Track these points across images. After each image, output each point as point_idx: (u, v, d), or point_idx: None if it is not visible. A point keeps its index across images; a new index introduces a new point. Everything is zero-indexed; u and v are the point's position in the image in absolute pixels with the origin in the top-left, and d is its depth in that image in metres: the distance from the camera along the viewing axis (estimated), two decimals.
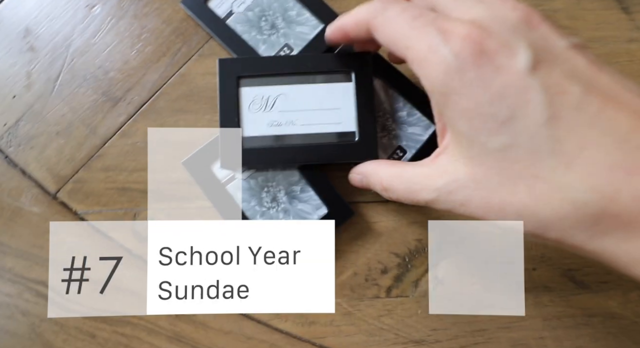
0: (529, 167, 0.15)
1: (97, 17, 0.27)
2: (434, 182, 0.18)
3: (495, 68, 0.16)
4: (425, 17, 0.17)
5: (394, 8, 0.18)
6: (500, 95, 0.15)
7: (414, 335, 0.27)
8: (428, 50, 0.16)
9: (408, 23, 0.17)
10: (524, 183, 0.15)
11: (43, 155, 0.27)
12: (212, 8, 0.26)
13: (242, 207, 0.26)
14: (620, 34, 0.29)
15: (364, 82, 0.24)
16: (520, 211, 0.16)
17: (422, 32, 0.17)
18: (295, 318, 0.27)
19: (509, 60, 0.15)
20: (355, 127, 0.24)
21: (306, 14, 0.26)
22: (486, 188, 0.16)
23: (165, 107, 0.27)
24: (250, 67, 0.24)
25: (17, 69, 0.27)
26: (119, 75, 0.27)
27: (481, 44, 0.16)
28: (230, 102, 0.24)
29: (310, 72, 0.24)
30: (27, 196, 0.27)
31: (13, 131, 0.27)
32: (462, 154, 0.17)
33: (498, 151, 0.16)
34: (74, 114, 0.27)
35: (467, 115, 0.16)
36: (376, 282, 0.27)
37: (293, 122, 0.24)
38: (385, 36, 0.18)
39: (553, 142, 0.15)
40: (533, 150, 0.15)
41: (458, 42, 0.16)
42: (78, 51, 0.27)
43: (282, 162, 0.24)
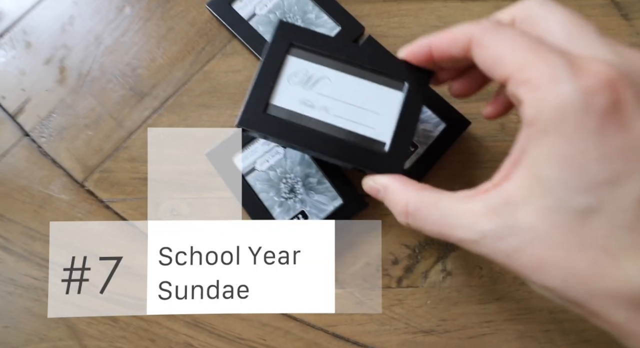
0: (603, 238, 0.14)
1: (127, 18, 0.29)
2: (479, 222, 0.16)
3: (621, 125, 0.14)
4: (552, 46, 0.15)
5: (513, 29, 0.16)
6: (611, 156, 0.14)
7: (424, 325, 0.28)
8: (549, 78, 0.14)
9: (530, 45, 0.15)
10: (591, 253, 0.14)
11: (73, 146, 0.28)
12: (237, 10, 0.28)
13: (261, 197, 0.27)
14: (621, 40, 0.30)
15: (416, 97, 0.22)
16: (569, 278, 0.14)
17: (546, 58, 0.15)
18: None
19: (636, 122, 0.14)
20: (389, 139, 0.22)
21: (324, 16, 0.28)
22: (545, 245, 0.15)
23: (189, 102, 0.29)
24: (307, 39, 0.22)
25: (51, 65, 0.29)
26: (145, 72, 0.29)
27: (618, 93, 0.14)
28: (273, 65, 0.22)
29: (364, 66, 0.22)
30: (57, 184, 0.28)
31: (45, 123, 0.29)
32: (528, 200, 0.15)
33: (577, 212, 0.14)
34: (103, 108, 0.29)
35: (562, 163, 0.14)
36: (387, 272, 0.28)
37: (327, 109, 0.22)
38: (492, 53, 0.16)
39: (638, 221, 0.14)
40: (615, 223, 0.14)
41: (591, 81, 0.14)
42: (108, 49, 0.29)
43: (299, 144, 0.22)
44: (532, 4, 0.17)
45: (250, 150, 0.27)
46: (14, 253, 0.28)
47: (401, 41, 0.29)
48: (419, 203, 0.18)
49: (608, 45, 0.15)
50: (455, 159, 0.29)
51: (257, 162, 0.27)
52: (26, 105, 0.29)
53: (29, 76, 0.29)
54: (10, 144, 0.28)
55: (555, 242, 0.14)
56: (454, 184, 0.29)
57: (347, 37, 0.28)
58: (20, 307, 0.27)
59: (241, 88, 0.29)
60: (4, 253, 0.28)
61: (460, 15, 0.30)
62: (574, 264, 0.14)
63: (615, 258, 0.14)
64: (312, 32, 0.22)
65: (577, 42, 0.16)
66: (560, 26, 0.16)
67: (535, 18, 0.17)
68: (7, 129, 0.29)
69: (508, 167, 0.16)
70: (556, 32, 0.16)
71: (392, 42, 0.29)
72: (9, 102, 0.29)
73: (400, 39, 0.30)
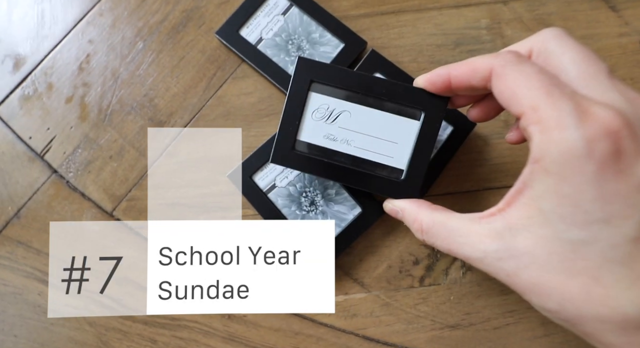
0: (595, 268, 0.15)
1: (141, 51, 0.31)
2: (483, 242, 0.17)
3: (618, 171, 0.15)
4: (564, 87, 0.16)
5: (532, 65, 0.17)
6: (606, 199, 0.15)
7: (449, 320, 0.29)
8: (557, 123, 0.15)
9: (545, 86, 0.16)
10: (581, 280, 0.15)
11: (99, 178, 0.30)
12: (244, 36, 0.29)
13: (284, 212, 0.28)
14: (611, 31, 0.32)
15: (432, 126, 0.23)
16: (564, 302, 0.16)
17: (558, 102, 0.15)
18: (338, 311, 0.29)
19: (634, 169, 0.15)
20: (406, 167, 0.24)
21: (327, 35, 0.29)
22: (541, 269, 0.16)
23: (205, 126, 0.30)
24: (326, 74, 0.24)
25: (73, 103, 0.30)
26: (162, 101, 0.30)
27: (618, 142, 0.15)
28: (297, 102, 0.24)
29: (381, 97, 0.24)
30: (87, 216, 0.29)
31: (72, 158, 0.30)
32: (528, 227, 0.16)
33: (571, 243, 0.15)
34: (125, 139, 0.30)
35: (561, 200, 0.15)
36: (409, 272, 0.29)
37: (348, 142, 0.24)
38: (511, 88, 0.17)
39: (629, 258, 0.15)
40: (607, 257, 0.15)
41: (594, 130, 0.15)
42: (125, 83, 0.30)
43: (324, 176, 0.24)
44: (548, 36, 0.18)
45: (269, 168, 0.29)
46: (52, 285, 0.29)
47: (402, 51, 0.31)
48: (431, 223, 0.20)
49: (618, 89, 0.16)
50: (464, 158, 0.30)
51: (277, 179, 0.28)
52: (52, 143, 0.30)
53: (52, 115, 0.30)
54: (40, 181, 0.30)
55: (550, 267, 0.16)
56: (465, 183, 0.30)
57: (351, 53, 0.29)
58: (65, 337, 0.29)
59: (254, 109, 0.30)
60: (43, 285, 0.29)
61: (456, 21, 0.31)
62: (567, 289, 0.16)
63: (605, 288, 0.15)
64: (329, 66, 0.24)
65: (588, 83, 0.16)
66: (574, 65, 0.17)
67: (551, 53, 0.18)
68: (36, 167, 0.30)
69: (512, 196, 0.17)
70: (570, 71, 0.17)
71: (393, 53, 0.31)
72: (36, 141, 0.30)
73: (401, 49, 0.31)
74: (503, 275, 0.17)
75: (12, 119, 0.30)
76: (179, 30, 0.31)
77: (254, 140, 0.30)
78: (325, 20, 0.29)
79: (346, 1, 0.31)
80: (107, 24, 0.31)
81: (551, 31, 0.18)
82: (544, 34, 0.18)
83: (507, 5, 0.32)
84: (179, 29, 0.31)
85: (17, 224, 0.29)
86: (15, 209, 0.29)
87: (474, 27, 0.31)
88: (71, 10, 0.31)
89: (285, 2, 0.30)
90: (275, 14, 0.30)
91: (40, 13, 0.31)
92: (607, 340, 0.16)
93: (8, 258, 0.29)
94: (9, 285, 0.29)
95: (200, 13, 0.31)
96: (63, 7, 0.31)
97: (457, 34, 0.31)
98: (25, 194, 0.30)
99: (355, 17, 0.31)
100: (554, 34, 0.18)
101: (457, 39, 0.31)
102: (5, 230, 0.29)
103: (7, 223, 0.29)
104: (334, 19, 0.29)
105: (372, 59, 0.29)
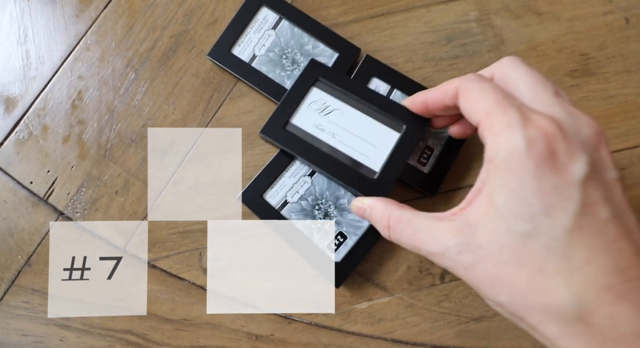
0: (539, 260, 0.17)
1: (133, 82, 0.30)
2: (445, 238, 0.19)
3: (553, 168, 0.17)
4: (514, 100, 0.19)
5: (489, 83, 0.20)
6: (545, 192, 0.17)
7: (474, 313, 0.29)
8: (505, 126, 0.18)
9: (498, 99, 0.19)
10: (529, 271, 0.17)
11: (107, 215, 0.29)
12: (237, 55, 0.29)
13: (298, 227, 0.28)
14: (596, 10, 0.32)
15: (410, 139, 0.26)
16: (514, 293, 0.17)
17: (507, 110, 0.18)
18: (364, 318, 0.29)
19: (567, 167, 0.17)
20: (379, 169, 0.26)
21: (321, 45, 0.29)
22: (494, 262, 0.18)
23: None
24: (331, 77, 0.27)
25: (70, 142, 0.30)
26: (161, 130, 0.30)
27: (553, 143, 0.17)
28: (299, 93, 0.27)
29: (372, 106, 0.27)
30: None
31: (77, 198, 0.29)
32: (485, 223, 0.18)
33: (519, 235, 0.17)
34: (128, 173, 0.30)
35: (509, 194, 0.18)
36: (429, 271, 0.30)
37: (334, 135, 0.27)
38: (471, 101, 0.20)
39: (568, 248, 0.17)
40: (548, 248, 0.17)
41: (534, 132, 0.17)
42: (121, 115, 0.30)
43: (304, 158, 0.27)
44: (506, 63, 0.21)
45: (279, 185, 0.28)
46: (74, 329, 0.28)
47: (395, 53, 0.31)
48: (397, 219, 0.22)
49: (561, 105, 0.19)
50: (467, 152, 0.30)
51: (288, 195, 0.28)
52: (55, 186, 0.29)
53: (51, 157, 0.30)
54: (47, 226, 0.29)
55: (502, 259, 0.18)
56: (471, 177, 0.30)
57: (346, 61, 0.29)
58: None
59: (255, 127, 0.30)
60: (65, 331, 0.28)
61: (445, 17, 0.31)
62: (516, 280, 0.17)
63: (548, 278, 0.17)
64: (336, 72, 0.27)
65: (537, 100, 0.20)
66: (526, 86, 0.20)
67: (508, 77, 0.21)
68: (41, 211, 0.29)
69: (472, 195, 0.19)
70: (522, 91, 0.20)
71: (387, 55, 0.31)
72: (37, 186, 0.29)
73: (394, 50, 0.31)
74: (461, 268, 0.19)
75: (9, 165, 0.29)
76: (170, 56, 0.30)
77: (260, 158, 0.30)
78: (316, 31, 0.29)
79: (334, 9, 0.31)
80: (95, 58, 0.30)
81: (509, 59, 0.21)
82: (504, 62, 0.22)
83: None
84: (170, 54, 0.30)
85: (29, 272, 0.29)
86: (26, 257, 0.29)
87: (463, 20, 0.31)
88: (56, 47, 0.30)
89: (275, 15, 0.29)
90: (266, 28, 0.29)
91: (24, 54, 0.30)
92: (548, 332, 0.17)
93: (25, 308, 0.28)
94: (29, 335, 0.28)
95: (189, 36, 0.31)
96: (47, 46, 0.30)
97: (447, 30, 0.31)
98: (33, 241, 0.29)
99: (346, 24, 0.31)
100: (512, 62, 0.21)
101: (448, 35, 0.31)
102: (18, 280, 0.29)
103: (19, 272, 0.29)
104: (325, 29, 0.29)
105: (368, 64, 0.29)
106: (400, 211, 0.22)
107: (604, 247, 0.17)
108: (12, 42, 0.30)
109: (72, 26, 0.31)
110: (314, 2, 0.31)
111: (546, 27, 0.32)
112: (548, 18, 0.32)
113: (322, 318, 0.29)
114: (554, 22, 0.32)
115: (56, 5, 0.31)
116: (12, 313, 0.28)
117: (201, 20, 0.31)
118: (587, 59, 0.31)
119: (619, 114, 0.31)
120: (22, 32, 0.30)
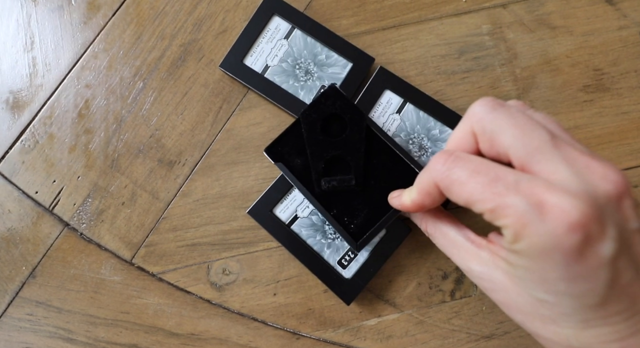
0: (553, 319, 0.17)
1: (141, 91, 0.30)
2: (471, 262, 0.20)
3: (582, 256, 0.16)
4: (504, 180, 0.17)
5: (462, 168, 0.18)
6: (572, 279, 0.16)
7: (484, 331, 0.29)
8: (518, 220, 0.16)
9: (484, 187, 0.17)
10: (542, 319, 0.18)
11: (114, 226, 0.29)
12: (249, 65, 0.28)
13: (309, 242, 0.28)
14: (610, 24, 0.32)
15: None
16: (526, 323, 0.18)
17: (509, 200, 0.16)
18: (373, 334, 0.29)
19: (596, 250, 0.16)
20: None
21: (334, 55, 0.29)
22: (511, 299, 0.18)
23: (218, 162, 0.29)
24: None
25: (77, 152, 0.29)
26: (169, 141, 0.29)
27: (586, 232, 0.15)
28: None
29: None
30: (107, 267, 0.28)
31: (83, 209, 0.29)
32: (505, 269, 0.18)
33: (537, 299, 0.17)
34: (135, 184, 0.29)
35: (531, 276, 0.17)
36: (439, 287, 0.29)
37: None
38: (461, 198, 0.18)
39: (585, 317, 0.17)
40: (567, 314, 0.17)
41: (558, 226, 0.15)
42: (129, 125, 0.29)
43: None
44: (480, 115, 0.18)
45: (289, 199, 0.28)
46: (79, 342, 0.28)
47: (407, 65, 0.31)
48: (433, 227, 0.22)
49: (567, 159, 0.16)
50: None
51: (298, 210, 0.28)
52: (60, 196, 0.29)
53: (57, 167, 0.29)
54: (53, 237, 0.29)
55: (518, 302, 0.18)
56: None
57: (361, 70, 0.29)
58: None
59: (264, 139, 0.30)
60: (69, 344, 0.28)
61: (457, 29, 0.31)
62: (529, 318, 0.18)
63: (560, 328, 0.18)
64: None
65: (536, 158, 0.17)
66: (516, 141, 0.17)
67: (492, 133, 0.18)
68: (47, 222, 0.29)
69: (496, 235, 0.19)
70: (516, 149, 0.17)
71: (399, 68, 0.30)
72: (43, 196, 0.29)
73: (406, 63, 0.30)
74: (481, 288, 0.20)
75: (14, 174, 0.29)
76: (179, 65, 0.30)
77: (269, 172, 0.29)
78: (329, 41, 0.29)
79: (345, 19, 0.31)
80: (103, 66, 0.30)
81: (481, 107, 0.18)
82: (477, 113, 0.18)
83: (506, 8, 0.31)
84: (179, 64, 0.30)
85: (33, 284, 0.28)
86: (30, 268, 0.28)
87: (476, 33, 0.31)
88: (63, 55, 0.30)
89: (287, 25, 0.29)
90: (278, 38, 0.29)
91: (31, 61, 0.30)
92: None
93: (29, 321, 0.28)
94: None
95: (198, 46, 0.30)
96: (55, 53, 0.30)
97: (460, 43, 0.31)
98: (38, 252, 0.28)
99: (357, 35, 0.31)
100: (485, 110, 0.18)
101: (460, 48, 0.31)
102: (22, 292, 0.28)
103: (23, 284, 0.28)
104: (338, 38, 0.29)
105: (381, 76, 0.29)
106: (435, 221, 0.22)
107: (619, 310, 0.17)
108: (19, 49, 0.30)
109: (79, 33, 0.30)
110: (325, 12, 0.31)
111: (560, 41, 0.31)
112: (562, 32, 0.31)
113: (331, 335, 0.28)
114: (567, 36, 0.31)
115: (64, 11, 0.30)
116: (15, 325, 0.28)
117: (211, 30, 0.30)
118: (601, 74, 0.31)
119: (632, 130, 0.31)
120: (29, 39, 0.30)
